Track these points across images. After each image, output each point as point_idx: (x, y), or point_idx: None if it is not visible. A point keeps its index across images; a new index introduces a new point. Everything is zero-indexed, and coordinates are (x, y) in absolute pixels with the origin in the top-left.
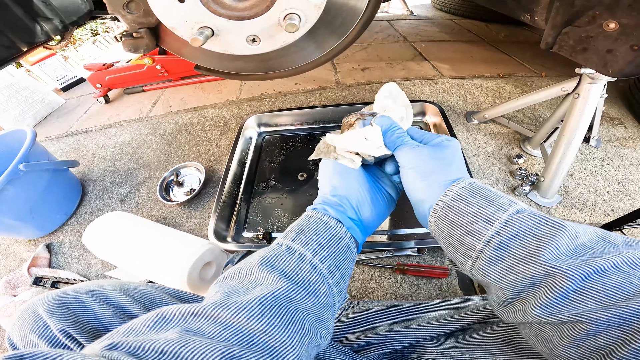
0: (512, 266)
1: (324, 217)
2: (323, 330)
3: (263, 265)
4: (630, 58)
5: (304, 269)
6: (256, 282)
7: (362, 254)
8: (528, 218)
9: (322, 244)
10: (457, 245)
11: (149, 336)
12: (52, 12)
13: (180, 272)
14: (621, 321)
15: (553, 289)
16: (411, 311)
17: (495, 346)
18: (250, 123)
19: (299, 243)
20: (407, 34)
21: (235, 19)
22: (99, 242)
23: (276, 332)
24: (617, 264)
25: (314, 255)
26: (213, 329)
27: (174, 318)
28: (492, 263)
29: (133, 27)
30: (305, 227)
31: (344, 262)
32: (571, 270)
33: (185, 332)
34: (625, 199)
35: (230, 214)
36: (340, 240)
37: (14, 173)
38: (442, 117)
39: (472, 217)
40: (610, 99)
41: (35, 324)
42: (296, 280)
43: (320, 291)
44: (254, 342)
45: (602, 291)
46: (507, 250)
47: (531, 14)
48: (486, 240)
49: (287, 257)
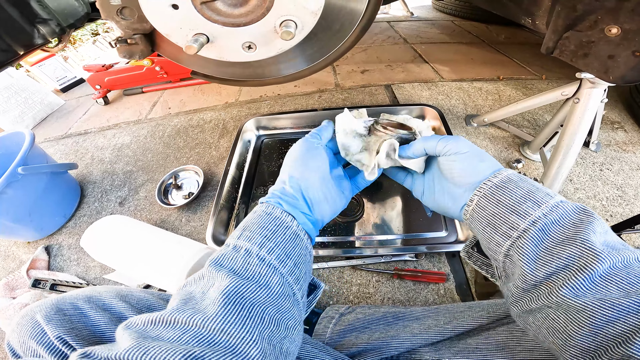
0: (551, 248)
1: (267, 209)
2: (289, 321)
3: (212, 266)
4: (632, 64)
5: (251, 263)
6: (208, 283)
7: (360, 258)
8: (572, 207)
9: (268, 236)
10: (499, 223)
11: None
12: (49, 15)
13: (178, 277)
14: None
15: (582, 271)
16: (408, 317)
17: (490, 352)
18: (249, 126)
19: (243, 239)
20: (407, 36)
21: (231, 25)
22: (97, 245)
23: (234, 329)
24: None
25: (260, 248)
26: (172, 334)
27: (135, 327)
28: (533, 243)
29: (127, 33)
30: (249, 222)
31: (294, 249)
32: (604, 254)
33: (142, 339)
34: (624, 204)
35: (228, 217)
36: (287, 230)
37: (13, 176)
38: (441, 121)
39: (521, 198)
40: (610, 103)
41: (34, 330)
42: (246, 275)
43: (272, 282)
44: (215, 342)
45: (625, 280)
46: (550, 232)
47: (532, 18)
48: (533, 219)
49: (233, 255)
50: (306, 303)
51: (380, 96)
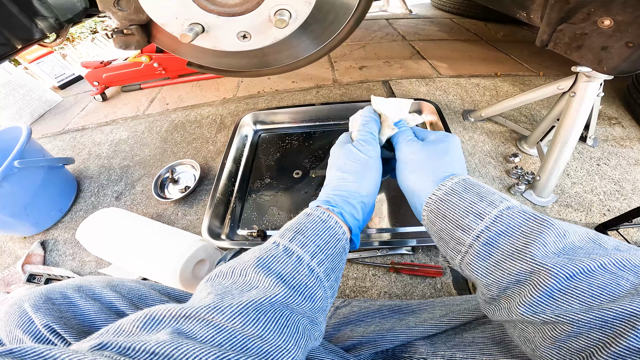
0: (499, 262)
1: (323, 216)
2: (316, 332)
3: (259, 267)
4: (626, 55)
5: (301, 272)
6: (251, 284)
7: (357, 252)
8: (517, 215)
9: (321, 246)
10: (448, 239)
11: (139, 337)
12: (47, 9)
13: (173, 269)
14: (603, 323)
15: (538, 287)
16: (404, 310)
17: (486, 346)
18: (247, 121)
19: (296, 244)
20: (405, 33)
21: (226, 15)
22: (93, 238)
23: (272, 336)
24: (604, 265)
25: (311, 258)
26: (206, 333)
27: (164, 319)
28: (480, 258)
29: (124, 24)
30: (303, 226)
31: (339, 264)
32: (556, 268)
33: (177, 334)
34: (621, 199)
35: (224, 211)
36: (338, 242)
37: (9, 169)
38: (438, 116)
39: (464, 212)
40: (608, 98)
41: (21, 319)
42: (293, 284)
43: (316, 295)
44: (249, 347)
45: (587, 292)
46: (496, 245)
47: (527, 12)
48: (476, 235)
49: (284, 259)
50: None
51: (378, 92)
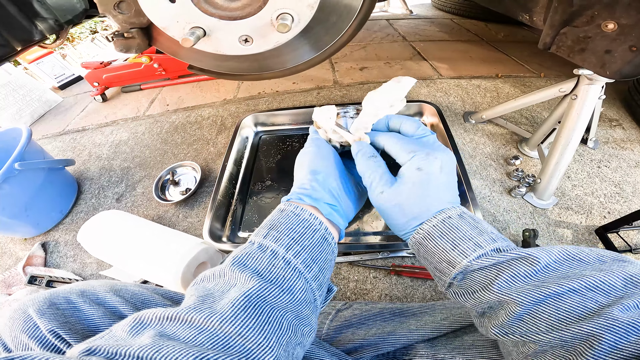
0: (474, 292)
1: (296, 210)
2: (305, 328)
3: (235, 264)
4: (629, 59)
5: (277, 265)
6: (229, 283)
7: (357, 254)
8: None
9: (295, 238)
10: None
11: (126, 341)
12: (47, 11)
13: (175, 272)
14: (563, 343)
15: (507, 314)
16: (404, 313)
17: (485, 349)
18: (247, 122)
19: (270, 239)
20: (406, 34)
21: (227, 19)
22: (94, 240)
23: (252, 334)
24: (573, 288)
25: (286, 251)
26: (187, 333)
27: (150, 322)
28: (458, 294)
29: (124, 27)
30: (277, 221)
31: (321, 254)
32: (521, 296)
33: (159, 337)
34: (622, 201)
35: (225, 213)
36: (314, 232)
37: (9, 172)
38: (439, 118)
39: (439, 258)
40: (609, 100)
41: (26, 324)
42: (269, 278)
43: (296, 287)
44: (230, 345)
45: (554, 315)
46: (470, 279)
47: (529, 14)
48: (451, 277)
49: (258, 255)
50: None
51: None
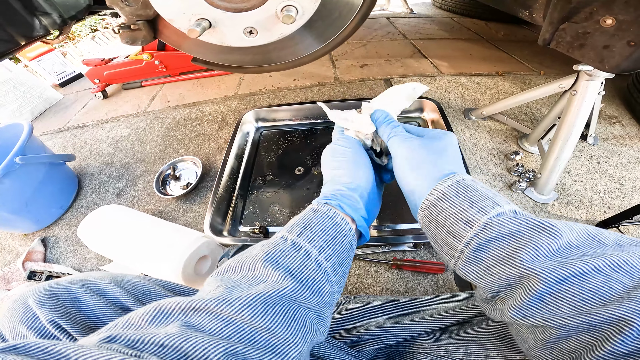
0: (490, 267)
1: (330, 212)
2: (322, 327)
3: (267, 261)
4: (627, 53)
5: (309, 267)
6: (260, 278)
7: (359, 248)
8: (509, 221)
9: (328, 241)
10: (442, 244)
11: (148, 330)
12: (51, 6)
13: (176, 266)
14: (590, 327)
15: (527, 292)
16: (406, 306)
17: (489, 341)
18: (248, 118)
19: (304, 239)
20: (406, 32)
21: (233, 10)
22: (94, 235)
23: (279, 329)
24: (598, 267)
25: (319, 253)
26: (215, 325)
27: (173, 312)
28: (471, 263)
29: (131, 19)
30: (311, 222)
31: (346, 260)
32: (545, 272)
33: (186, 327)
34: (622, 197)
35: (226, 208)
36: (345, 238)
37: (10, 166)
38: (440, 114)
39: (454, 219)
40: (608, 98)
41: (25, 314)
42: (301, 278)
43: (324, 290)
44: (257, 340)
45: (577, 295)
46: (486, 251)
47: (529, 11)
48: (466, 242)
49: (292, 254)
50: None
51: (379, 90)
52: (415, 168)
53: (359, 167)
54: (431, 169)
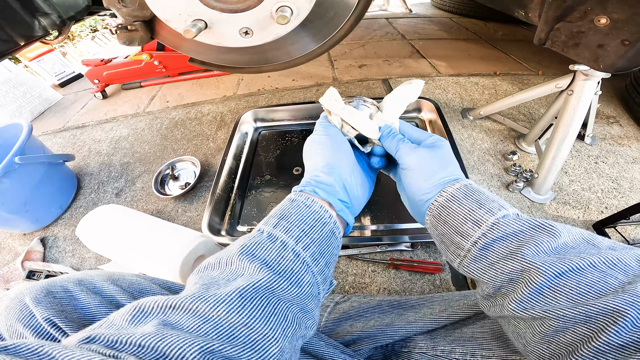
0: (494, 263)
1: (307, 201)
2: (308, 321)
3: (243, 254)
4: (622, 52)
5: (286, 257)
6: (237, 272)
7: (356, 248)
8: (513, 222)
9: (306, 230)
10: (448, 243)
11: (127, 330)
12: (50, 6)
13: (173, 265)
14: (587, 318)
15: (528, 285)
16: (403, 306)
17: (485, 341)
18: (247, 118)
19: (280, 229)
20: (405, 32)
21: (229, 11)
22: (92, 234)
23: (257, 324)
24: (594, 263)
25: (296, 243)
26: (192, 323)
27: (152, 311)
28: (476, 261)
29: (128, 20)
30: (287, 212)
31: (328, 248)
32: (545, 266)
33: (162, 326)
34: (619, 197)
35: (224, 207)
36: (324, 226)
37: (9, 166)
38: (437, 114)
39: (463, 219)
40: (606, 98)
41: (21, 312)
42: (278, 269)
43: (304, 280)
44: (235, 336)
45: (575, 289)
46: (491, 249)
47: (525, 10)
48: (473, 240)
49: (268, 245)
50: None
51: (378, 90)
52: (425, 175)
53: (335, 152)
54: (439, 175)
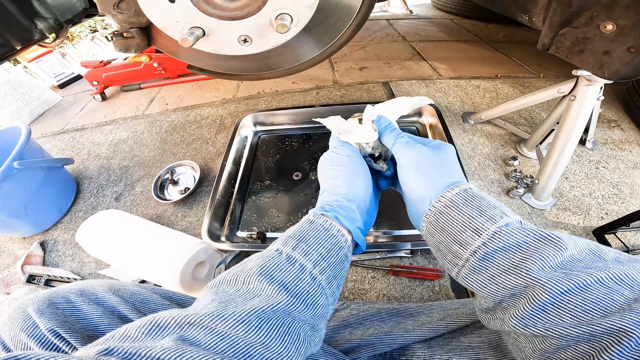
0: (495, 276)
1: (326, 224)
2: (316, 338)
3: (262, 275)
4: (627, 60)
5: (303, 280)
6: (254, 292)
7: (355, 255)
8: (517, 231)
9: (323, 254)
10: (445, 252)
11: (144, 343)
12: (47, 10)
13: (173, 271)
14: (591, 337)
15: (531, 301)
16: (402, 314)
17: (482, 350)
18: (246, 122)
19: (299, 252)
20: (406, 34)
21: (227, 19)
22: (92, 240)
23: (273, 343)
24: (601, 279)
25: (314, 266)
26: (209, 340)
27: (169, 326)
28: (476, 272)
29: (124, 27)
30: (306, 234)
31: (341, 271)
32: (551, 283)
33: (181, 342)
34: (619, 202)
35: (224, 213)
36: (340, 250)
37: (8, 170)
38: (438, 118)
39: (462, 226)
40: (607, 101)
41: (25, 323)
42: (295, 292)
43: (318, 303)
44: (251, 354)
45: (580, 307)
46: (492, 261)
47: (529, 15)
48: (472, 250)
49: (287, 268)
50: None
51: (378, 93)
52: (423, 174)
53: (356, 176)
54: (438, 176)
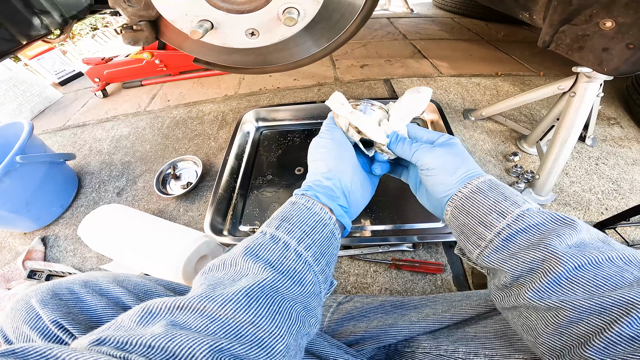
0: (515, 254)
1: (308, 203)
2: (311, 319)
3: (247, 255)
4: (626, 56)
5: (289, 257)
6: (241, 272)
7: (358, 248)
8: (537, 214)
9: (307, 231)
10: (469, 234)
11: (136, 331)
12: (52, 5)
13: (176, 265)
14: (602, 309)
15: (547, 274)
16: (405, 306)
17: (488, 340)
18: (248, 117)
19: (282, 231)
20: (406, 32)
21: (235, 12)
22: (94, 234)
23: (264, 322)
24: (611, 258)
25: (298, 243)
26: (200, 322)
27: (160, 312)
28: (497, 252)
29: (133, 20)
30: (289, 214)
31: (328, 249)
32: (566, 257)
33: (171, 326)
34: (619, 198)
35: (226, 207)
36: (325, 227)
37: (10, 165)
38: (439, 115)
39: (487, 209)
40: (607, 99)
41: (28, 315)
42: (281, 269)
43: (306, 279)
44: (242, 334)
45: (592, 281)
46: (514, 240)
47: (529, 13)
48: (497, 231)
49: (271, 246)
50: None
51: (379, 90)
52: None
53: (338, 157)
54: (462, 170)
